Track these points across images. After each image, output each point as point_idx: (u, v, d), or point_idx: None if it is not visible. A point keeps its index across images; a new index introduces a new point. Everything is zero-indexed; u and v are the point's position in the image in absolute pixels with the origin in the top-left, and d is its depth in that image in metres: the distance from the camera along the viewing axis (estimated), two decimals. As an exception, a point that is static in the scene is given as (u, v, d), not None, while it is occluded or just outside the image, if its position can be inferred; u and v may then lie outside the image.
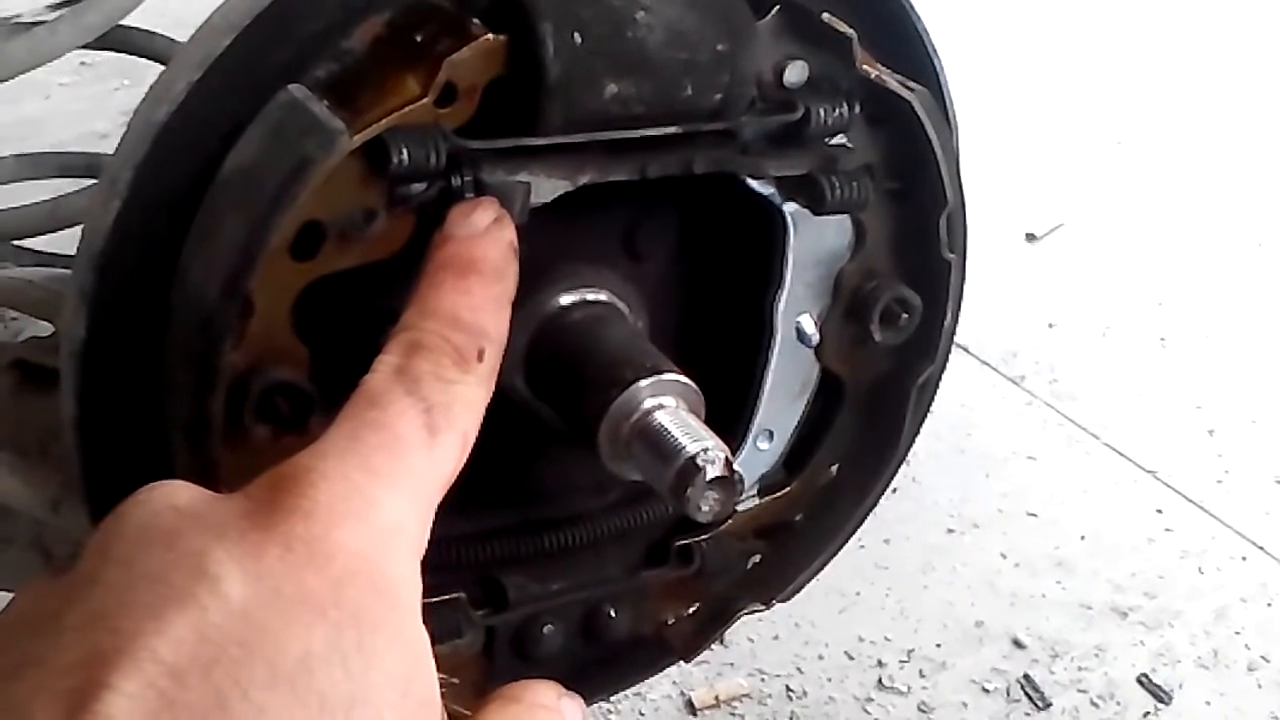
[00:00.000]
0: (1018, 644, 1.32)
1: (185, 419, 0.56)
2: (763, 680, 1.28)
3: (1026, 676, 1.28)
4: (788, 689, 1.27)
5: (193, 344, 0.55)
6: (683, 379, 0.61)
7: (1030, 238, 1.99)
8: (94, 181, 1.04)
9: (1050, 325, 1.79)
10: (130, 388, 0.58)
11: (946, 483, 1.48)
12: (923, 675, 1.29)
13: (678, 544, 0.73)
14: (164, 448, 0.58)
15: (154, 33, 1.15)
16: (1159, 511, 1.49)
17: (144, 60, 1.20)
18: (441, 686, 0.69)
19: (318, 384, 0.57)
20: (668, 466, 0.58)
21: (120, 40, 1.01)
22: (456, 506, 0.70)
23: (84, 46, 0.92)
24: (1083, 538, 1.44)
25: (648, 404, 0.60)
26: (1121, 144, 2.23)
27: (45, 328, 0.92)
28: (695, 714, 1.24)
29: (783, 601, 0.77)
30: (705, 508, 0.58)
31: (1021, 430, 1.60)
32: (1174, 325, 1.80)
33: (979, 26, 2.44)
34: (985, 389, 1.66)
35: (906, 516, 1.42)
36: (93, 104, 2.27)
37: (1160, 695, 1.27)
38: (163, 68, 1.12)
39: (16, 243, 1.05)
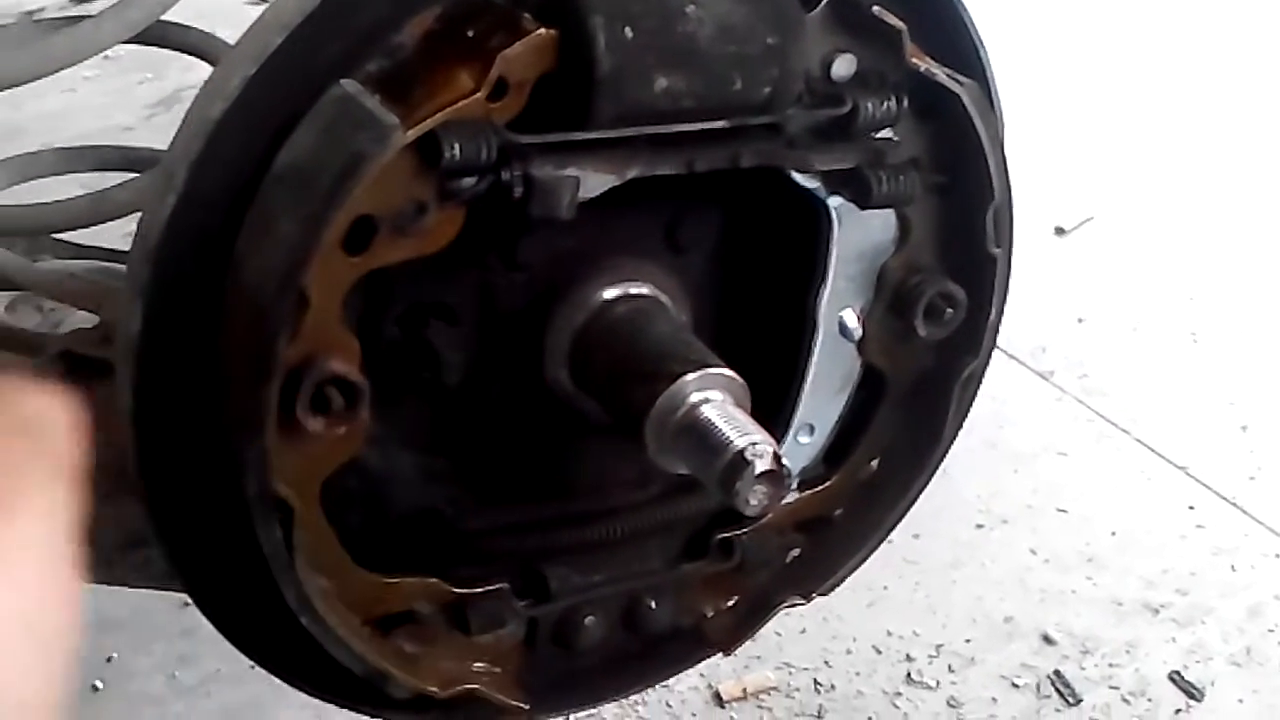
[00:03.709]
0: (1048, 640, 1.32)
1: (239, 410, 0.57)
2: (790, 674, 1.28)
3: (1057, 672, 1.28)
4: (815, 682, 1.27)
5: (248, 337, 0.56)
6: (728, 373, 0.62)
7: (1060, 231, 1.98)
8: (131, 176, 1.05)
9: (1080, 320, 1.79)
10: (184, 380, 0.59)
11: (976, 478, 1.48)
12: (952, 670, 1.28)
13: (718, 537, 0.74)
14: (217, 437, 0.59)
15: (189, 27, 1.15)
16: (1190, 508, 1.48)
17: (167, 54, 1.20)
18: (484, 675, 0.69)
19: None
20: (716, 460, 0.59)
21: (158, 35, 1.01)
22: (500, 498, 0.70)
23: (124, 42, 0.93)
24: (1113, 534, 1.44)
25: (694, 398, 0.60)
26: (1151, 138, 2.22)
27: (83, 318, 0.93)
28: (723, 706, 1.24)
29: (822, 595, 0.77)
30: (754, 501, 0.58)
31: (1051, 426, 1.60)
32: (1205, 320, 1.79)
33: (1009, 20, 2.43)
34: (1015, 384, 1.65)
35: (935, 511, 1.41)
36: (116, 97, 2.28)
37: (1192, 692, 1.27)
38: (191, 59, 1.12)
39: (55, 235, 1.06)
